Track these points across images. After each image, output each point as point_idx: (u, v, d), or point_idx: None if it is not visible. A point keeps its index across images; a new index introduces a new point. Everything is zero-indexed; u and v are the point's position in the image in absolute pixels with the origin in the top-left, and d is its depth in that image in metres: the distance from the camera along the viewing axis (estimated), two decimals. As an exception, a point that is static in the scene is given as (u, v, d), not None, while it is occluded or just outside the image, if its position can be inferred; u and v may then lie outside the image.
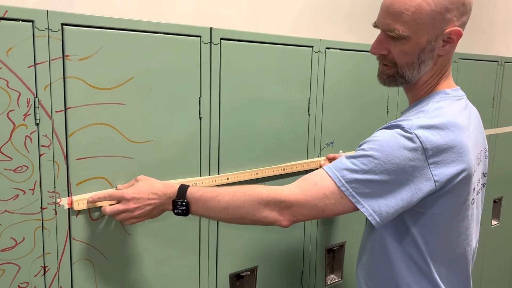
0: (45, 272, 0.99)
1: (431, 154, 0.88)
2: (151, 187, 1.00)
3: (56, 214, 0.99)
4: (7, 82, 0.89)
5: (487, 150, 1.09)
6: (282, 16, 1.80)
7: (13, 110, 0.91)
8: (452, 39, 0.93)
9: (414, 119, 0.91)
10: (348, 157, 0.92)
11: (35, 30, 0.91)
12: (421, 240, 0.96)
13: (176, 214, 0.99)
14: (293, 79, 1.36)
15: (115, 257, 1.09)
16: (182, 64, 1.12)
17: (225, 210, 0.95)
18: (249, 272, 1.36)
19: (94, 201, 1.01)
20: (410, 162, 0.88)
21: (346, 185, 0.89)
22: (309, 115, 1.41)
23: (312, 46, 1.38)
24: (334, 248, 1.61)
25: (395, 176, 0.88)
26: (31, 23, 0.90)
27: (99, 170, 1.03)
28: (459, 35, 0.93)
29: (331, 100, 1.46)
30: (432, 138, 0.88)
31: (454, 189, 0.91)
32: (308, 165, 1.42)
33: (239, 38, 1.21)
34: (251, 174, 1.29)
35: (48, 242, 0.99)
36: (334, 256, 1.63)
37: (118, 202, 1.00)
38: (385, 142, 0.89)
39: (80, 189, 1.01)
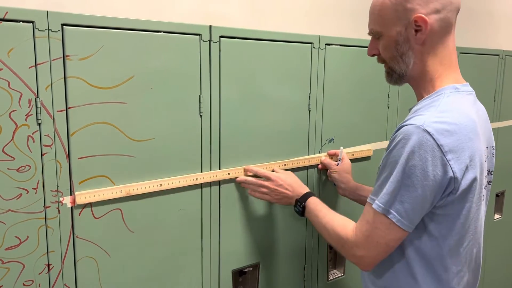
0: (49, 270, 1.01)
1: (447, 150, 0.88)
2: (292, 181, 1.25)
3: (59, 212, 1.00)
4: (9, 82, 0.90)
5: (494, 147, 1.08)
6: (281, 13, 1.81)
7: (15, 110, 0.92)
8: (420, 27, 0.94)
9: (426, 115, 0.91)
10: (379, 178, 0.95)
11: (36, 30, 0.92)
12: (437, 239, 0.96)
13: (294, 211, 1.23)
14: (293, 75, 1.36)
15: (118, 255, 1.10)
16: (182, 62, 1.13)
17: (320, 231, 1.11)
18: (251, 268, 1.37)
19: (249, 170, 1.26)
20: (432, 163, 0.87)
21: (378, 203, 0.93)
22: (309, 111, 1.42)
23: (311, 43, 1.38)
24: (336, 244, 1.61)
25: (416, 180, 0.88)
26: (31, 24, 0.91)
27: (101, 168, 1.04)
28: (424, 21, 0.93)
29: (331, 96, 1.46)
30: (445, 133, 0.88)
31: (469, 186, 0.92)
32: (309, 161, 1.43)
33: (238, 36, 1.21)
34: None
35: (52, 240, 1.00)
36: (336, 252, 1.64)
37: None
38: (402, 154, 0.89)
39: (82, 187, 1.02)
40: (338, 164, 1.44)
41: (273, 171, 1.31)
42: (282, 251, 1.44)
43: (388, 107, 1.64)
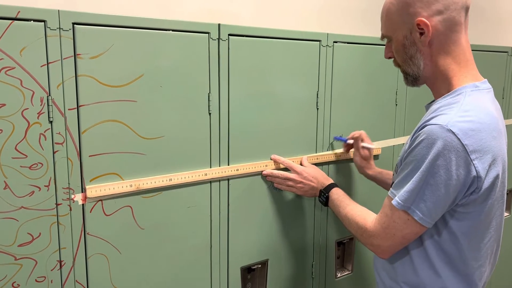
0: (61, 266, 1.02)
1: (472, 149, 0.87)
2: (316, 173, 1.32)
3: (70, 209, 1.01)
4: (21, 81, 0.91)
5: (506, 143, 1.07)
6: (289, 11, 1.81)
7: (27, 108, 0.93)
8: (423, 29, 0.95)
9: (450, 114, 0.90)
10: (400, 175, 0.95)
11: (47, 29, 0.93)
12: (458, 236, 0.96)
13: (319, 201, 1.30)
14: (301, 73, 1.36)
15: (129, 252, 1.11)
16: (191, 60, 1.13)
17: (341, 221, 1.16)
18: (260, 265, 1.38)
19: (276, 161, 1.32)
20: (456, 163, 0.87)
21: (397, 200, 0.94)
22: (317, 109, 1.42)
23: (319, 40, 1.38)
24: (344, 241, 1.62)
25: (440, 179, 0.88)
26: (43, 23, 0.92)
27: (112, 166, 1.05)
28: (426, 24, 0.94)
29: (339, 94, 1.46)
30: (470, 133, 0.87)
31: (492, 184, 0.92)
32: (317, 158, 1.43)
33: (247, 34, 1.22)
34: (260, 166, 1.30)
35: (64, 237, 1.01)
36: (344, 249, 1.64)
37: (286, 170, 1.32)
38: (428, 153, 0.89)
39: (93, 185, 1.03)
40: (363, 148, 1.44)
41: (300, 163, 1.38)
42: (290, 248, 1.44)
43: (396, 104, 1.64)
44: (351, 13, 2.00)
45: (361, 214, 1.08)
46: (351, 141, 1.45)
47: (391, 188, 0.98)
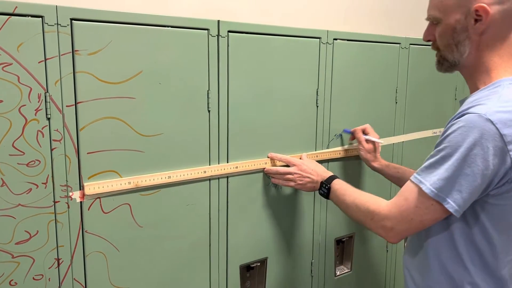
0: (59, 264, 1.01)
1: (510, 140, 0.85)
2: (315, 167, 1.30)
3: (68, 207, 1.00)
4: (18, 77, 0.90)
5: None
6: (289, 7, 1.80)
7: (25, 105, 0.92)
8: (481, 16, 0.91)
9: (488, 104, 0.88)
10: (429, 160, 0.92)
11: (45, 25, 0.92)
12: (488, 228, 0.93)
13: (320, 194, 1.26)
14: (301, 70, 1.35)
15: (127, 249, 1.10)
16: (190, 57, 1.12)
17: (346, 209, 1.13)
18: (259, 264, 1.38)
19: (273, 158, 1.31)
20: (493, 152, 0.85)
21: (430, 187, 0.90)
22: (317, 106, 1.41)
23: (319, 37, 1.37)
24: (343, 240, 1.61)
25: (477, 169, 0.86)
26: (40, 18, 0.91)
27: (110, 163, 1.04)
28: (485, 11, 0.90)
29: (339, 92, 1.45)
30: (509, 123, 0.85)
31: None
32: (317, 156, 1.43)
33: (246, 31, 1.21)
34: (259, 163, 1.30)
35: (61, 235, 1.00)
36: (343, 248, 1.64)
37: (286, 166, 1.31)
38: (463, 141, 0.86)
39: (91, 182, 1.02)
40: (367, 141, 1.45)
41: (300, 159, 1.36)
42: (289, 246, 1.44)
43: (396, 102, 1.64)
44: (352, 11, 1.99)
45: (372, 199, 1.05)
46: None
47: (415, 174, 0.94)
